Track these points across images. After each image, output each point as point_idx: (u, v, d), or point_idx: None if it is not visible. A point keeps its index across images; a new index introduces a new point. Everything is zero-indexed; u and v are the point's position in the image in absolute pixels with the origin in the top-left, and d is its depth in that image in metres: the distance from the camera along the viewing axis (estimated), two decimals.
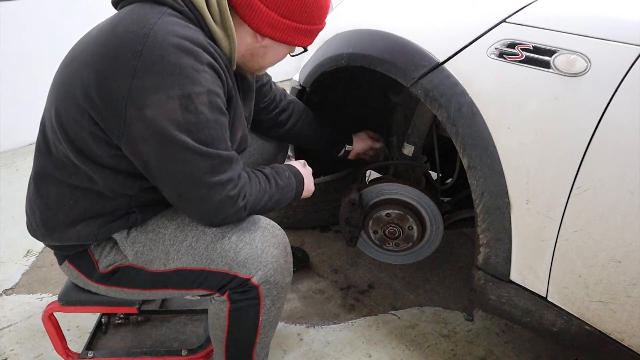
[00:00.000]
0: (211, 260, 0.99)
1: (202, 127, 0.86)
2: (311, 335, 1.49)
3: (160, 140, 0.84)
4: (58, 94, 0.94)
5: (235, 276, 0.99)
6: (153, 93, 0.81)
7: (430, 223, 1.38)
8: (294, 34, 0.98)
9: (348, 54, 1.24)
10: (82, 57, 0.89)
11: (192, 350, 1.28)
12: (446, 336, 1.48)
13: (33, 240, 1.11)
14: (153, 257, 1.02)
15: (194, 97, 0.83)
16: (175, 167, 0.87)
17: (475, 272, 1.12)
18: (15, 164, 2.69)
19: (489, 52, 0.98)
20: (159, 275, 1.03)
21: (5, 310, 1.60)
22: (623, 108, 0.84)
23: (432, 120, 1.35)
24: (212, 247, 0.99)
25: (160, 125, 0.83)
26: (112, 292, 1.10)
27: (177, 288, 1.05)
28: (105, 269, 1.05)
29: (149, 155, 0.87)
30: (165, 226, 1.02)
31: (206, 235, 1.00)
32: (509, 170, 0.98)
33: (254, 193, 1.00)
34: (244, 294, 1.00)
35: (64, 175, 0.97)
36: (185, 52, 0.83)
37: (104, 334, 1.38)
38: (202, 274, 1.00)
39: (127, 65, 0.81)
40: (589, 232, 0.91)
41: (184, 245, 1.00)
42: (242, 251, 0.98)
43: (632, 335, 0.93)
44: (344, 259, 1.84)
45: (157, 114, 0.82)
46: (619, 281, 0.90)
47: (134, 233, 1.02)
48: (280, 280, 1.02)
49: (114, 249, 1.05)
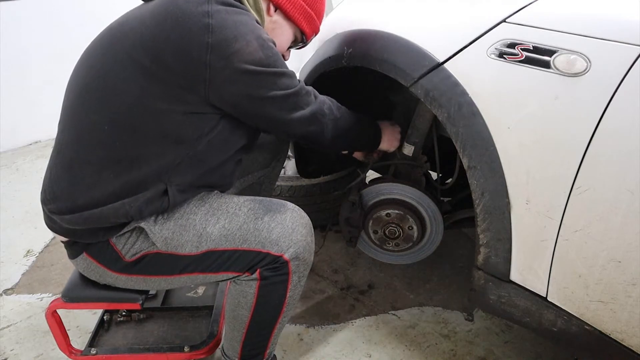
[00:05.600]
0: (244, 239, 1.04)
1: (277, 57, 1.02)
2: (311, 335, 1.49)
3: (250, 78, 0.98)
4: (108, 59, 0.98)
5: (267, 254, 1.04)
6: (234, 42, 0.94)
7: (430, 223, 1.38)
8: (302, 14, 1.14)
9: (348, 54, 1.24)
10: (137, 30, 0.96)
11: (195, 346, 1.28)
12: (446, 336, 1.48)
13: (33, 240, 1.11)
14: (184, 241, 1.03)
15: (264, 37, 1.00)
16: (266, 92, 1.00)
17: (475, 272, 1.12)
18: (15, 164, 2.70)
19: (489, 52, 0.98)
20: (190, 258, 1.05)
21: (5, 310, 1.60)
22: (623, 108, 0.84)
23: (432, 120, 1.35)
24: (246, 227, 1.05)
25: (247, 67, 0.96)
26: (132, 282, 1.10)
27: (205, 271, 1.07)
28: (131, 258, 1.05)
29: (241, 95, 0.99)
30: (193, 212, 1.05)
31: (238, 217, 1.05)
32: (509, 170, 0.98)
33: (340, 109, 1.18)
34: (276, 270, 1.06)
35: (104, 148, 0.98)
36: (242, 12, 0.99)
37: (106, 331, 1.38)
38: (235, 253, 1.04)
39: (202, 24, 0.93)
40: (589, 232, 0.91)
41: (217, 227, 1.04)
42: (274, 230, 1.05)
43: (632, 335, 0.93)
44: (344, 259, 1.84)
45: (242, 58, 0.95)
46: (619, 281, 0.90)
47: (161, 220, 1.03)
48: (307, 257, 1.09)
49: (140, 237, 1.05)
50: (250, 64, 0.97)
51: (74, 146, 1.01)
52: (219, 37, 0.93)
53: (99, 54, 1.01)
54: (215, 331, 1.32)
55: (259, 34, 0.99)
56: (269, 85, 1.01)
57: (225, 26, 0.94)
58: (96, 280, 1.13)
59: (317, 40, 1.41)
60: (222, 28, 0.94)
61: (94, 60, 1.01)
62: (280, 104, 1.04)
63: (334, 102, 1.17)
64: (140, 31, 0.95)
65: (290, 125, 1.07)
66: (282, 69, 1.03)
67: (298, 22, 1.15)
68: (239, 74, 0.97)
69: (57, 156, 1.04)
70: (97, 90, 0.98)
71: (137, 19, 0.99)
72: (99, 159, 0.99)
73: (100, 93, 0.98)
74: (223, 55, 0.94)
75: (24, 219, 2.15)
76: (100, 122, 0.98)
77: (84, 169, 1.00)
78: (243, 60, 0.96)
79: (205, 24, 0.93)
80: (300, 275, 1.09)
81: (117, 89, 0.96)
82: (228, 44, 0.94)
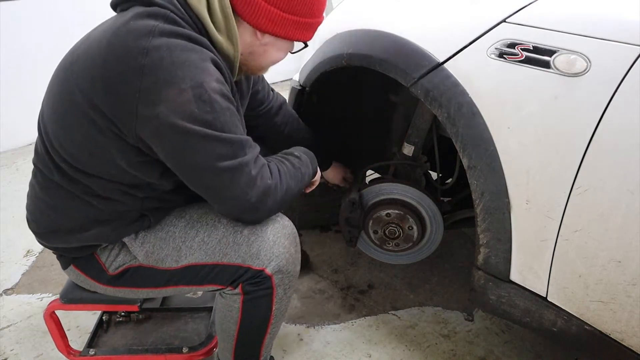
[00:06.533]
0: (224, 254, 1.00)
1: (217, 115, 0.85)
2: (311, 335, 1.49)
3: (177, 135, 0.84)
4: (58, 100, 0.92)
5: (248, 268, 1.00)
6: (165, 88, 0.81)
7: (430, 223, 1.38)
8: (295, 28, 0.98)
9: (348, 54, 1.24)
10: (82, 62, 0.88)
11: (193, 348, 1.28)
12: (446, 336, 1.48)
13: (33, 240, 1.11)
14: (164, 255, 1.02)
15: (206, 86, 0.83)
16: (195, 158, 0.86)
17: (475, 272, 1.12)
18: (15, 164, 2.69)
19: (489, 52, 0.98)
20: (171, 272, 1.03)
21: (5, 310, 1.60)
22: (623, 108, 0.84)
23: (432, 120, 1.35)
24: (225, 241, 1.00)
25: (175, 121, 0.82)
26: (120, 293, 1.10)
27: (189, 284, 1.05)
28: (114, 271, 1.05)
29: (167, 151, 0.87)
30: (174, 224, 1.03)
31: (218, 230, 1.01)
32: (509, 170, 0.98)
33: (280, 172, 1.00)
34: (258, 285, 1.02)
35: (71, 183, 0.96)
36: (190, 49, 0.84)
37: (105, 332, 1.38)
38: (215, 268, 1.02)
39: (134, 65, 0.81)
40: (589, 232, 0.91)
41: (195, 241, 1.01)
42: (254, 243, 1.00)
43: (632, 335, 0.93)
44: (344, 259, 1.84)
45: (171, 108, 0.82)
46: (619, 281, 0.90)
47: (142, 233, 1.03)
48: (292, 269, 1.04)
49: (122, 251, 1.04)
50: (179, 119, 0.82)
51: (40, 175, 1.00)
52: (149, 81, 0.81)
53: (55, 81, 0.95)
54: (214, 333, 1.32)
55: (199, 82, 0.82)
56: (206, 151, 0.85)
57: (161, 67, 0.81)
58: (89, 289, 1.13)
59: (317, 40, 1.41)
60: (155, 69, 0.81)
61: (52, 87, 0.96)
62: (220, 178, 0.88)
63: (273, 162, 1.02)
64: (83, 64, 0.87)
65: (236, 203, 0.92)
66: (228, 135, 0.86)
67: (292, 37, 1.00)
68: (165, 128, 0.83)
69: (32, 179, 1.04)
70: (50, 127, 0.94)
71: (86, 43, 0.91)
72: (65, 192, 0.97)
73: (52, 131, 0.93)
74: (150, 103, 0.81)
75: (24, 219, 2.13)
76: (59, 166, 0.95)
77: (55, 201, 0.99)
78: (171, 112, 0.81)
79: (138, 65, 0.80)
80: (285, 288, 1.05)
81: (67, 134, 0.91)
82: (158, 89, 0.81)
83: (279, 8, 0.94)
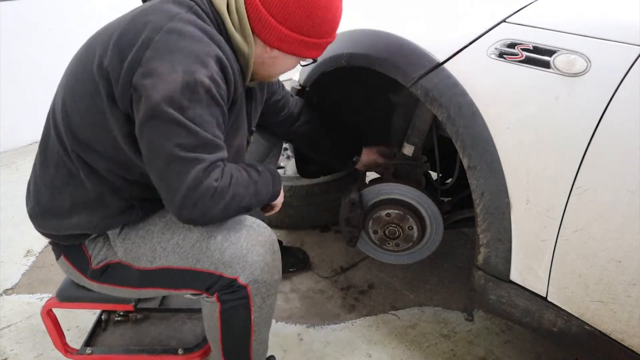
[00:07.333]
0: (197, 259, 0.99)
1: (194, 106, 0.85)
2: (311, 335, 1.49)
3: (150, 110, 0.84)
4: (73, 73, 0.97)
5: (221, 276, 0.98)
6: (160, 64, 0.84)
7: (430, 223, 1.38)
8: (302, 47, 0.99)
9: (348, 54, 1.24)
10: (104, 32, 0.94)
11: (189, 349, 1.28)
12: (446, 336, 1.48)
13: (33, 240, 1.11)
14: (140, 254, 1.02)
15: (197, 77, 0.85)
16: (156, 137, 0.86)
17: (475, 272, 1.12)
18: (15, 164, 2.69)
19: (489, 52, 0.98)
20: (146, 273, 1.03)
21: (5, 310, 1.60)
22: (623, 108, 0.84)
23: (432, 120, 1.35)
24: (198, 247, 0.99)
25: (154, 96, 0.83)
26: (105, 290, 1.10)
27: (164, 287, 1.06)
28: (96, 265, 1.06)
29: (138, 122, 0.87)
30: (154, 223, 1.03)
31: (193, 234, 0.99)
32: (509, 170, 0.98)
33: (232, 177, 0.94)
34: (233, 294, 1.00)
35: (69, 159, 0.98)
36: (199, 40, 0.88)
37: (103, 331, 1.38)
38: (189, 273, 1.00)
39: (146, 38, 0.86)
40: (589, 232, 0.91)
41: (170, 244, 1.00)
42: (227, 251, 0.97)
43: (632, 335, 0.93)
44: (344, 259, 1.84)
45: (156, 84, 0.83)
46: (619, 281, 0.90)
47: (125, 229, 1.03)
48: (268, 278, 1.01)
49: (105, 244, 1.05)
50: (159, 96, 0.83)
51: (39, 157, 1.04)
52: (151, 55, 0.85)
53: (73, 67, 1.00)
54: None
55: (192, 70, 0.84)
56: (162, 131, 0.85)
57: (166, 46, 0.85)
58: (77, 282, 1.14)
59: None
60: (161, 46, 0.85)
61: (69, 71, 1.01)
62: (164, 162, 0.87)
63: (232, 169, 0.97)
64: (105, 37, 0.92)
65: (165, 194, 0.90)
66: (191, 125, 0.85)
67: (299, 54, 1.01)
68: (145, 99, 0.84)
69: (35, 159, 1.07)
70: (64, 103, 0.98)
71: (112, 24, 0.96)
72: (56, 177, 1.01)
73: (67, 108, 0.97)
74: (144, 75, 0.84)
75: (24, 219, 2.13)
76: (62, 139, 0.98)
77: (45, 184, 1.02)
78: (155, 87, 0.83)
79: (149, 38, 0.86)
80: (263, 297, 1.02)
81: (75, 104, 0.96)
82: (154, 64, 0.84)
83: (289, 28, 0.96)
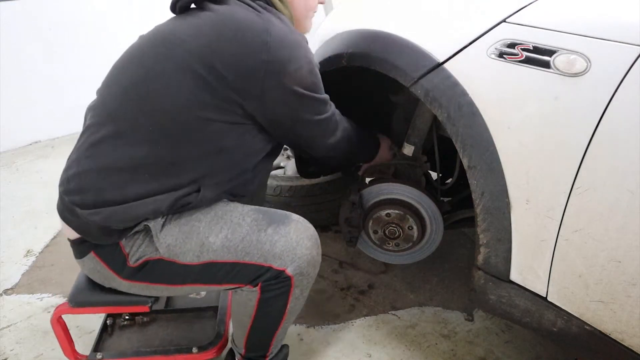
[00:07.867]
0: (246, 252, 1.02)
1: (320, 84, 1.09)
2: (311, 335, 1.49)
3: (298, 101, 1.03)
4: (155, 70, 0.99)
5: (270, 267, 1.03)
6: (288, 64, 0.98)
7: (430, 223, 1.38)
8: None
9: (348, 54, 1.24)
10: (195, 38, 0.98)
11: (203, 347, 1.28)
12: (446, 336, 1.48)
13: (33, 240, 1.11)
14: (187, 249, 1.02)
15: (314, 63, 1.05)
16: (305, 115, 1.07)
17: (475, 272, 1.12)
18: (15, 164, 2.70)
19: (489, 52, 0.98)
20: (191, 268, 1.03)
21: (5, 310, 1.60)
22: (623, 108, 0.84)
23: (432, 120, 1.35)
24: (248, 240, 1.03)
25: (297, 89, 1.01)
26: (134, 288, 1.09)
27: (207, 283, 1.06)
28: (135, 263, 1.04)
29: (285, 115, 1.04)
30: (199, 219, 1.03)
31: (242, 228, 1.03)
32: (509, 170, 0.98)
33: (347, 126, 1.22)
34: (277, 285, 1.05)
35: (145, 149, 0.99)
36: (293, 32, 1.04)
37: (110, 336, 1.37)
38: (237, 266, 1.03)
39: (259, 40, 0.96)
40: (589, 232, 0.91)
41: (219, 238, 1.02)
42: (277, 243, 1.03)
43: (632, 335, 0.93)
44: (344, 259, 1.84)
45: (294, 81, 1.00)
46: (619, 281, 0.90)
47: (167, 225, 1.02)
48: (311, 271, 1.08)
49: (145, 241, 1.04)
50: (300, 88, 1.02)
51: (111, 141, 1.00)
52: (274, 56, 0.96)
53: (150, 55, 1.01)
54: (222, 331, 1.32)
55: (309, 59, 1.04)
56: (311, 109, 1.07)
57: (283, 46, 0.98)
58: (100, 283, 1.12)
59: (317, 40, 1.41)
60: (278, 48, 0.97)
61: (145, 60, 1.01)
62: (319, 128, 1.12)
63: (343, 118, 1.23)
64: (199, 40, 0.97)
65: (322, 145, 1.16)
66: (323, 96, 1.10)
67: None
68: (288, 95, 1.01)
69: (90, 148, 1.01)
70: (147, 91, 0.99)
71: (192, 27, 1.00)
72: (138, 158, 0.99)
73: (150, 94, 0.98)
74: (276, 75, 0.97)
75: (24, 219, 2.15)
76: (145, 123, 0.98)
77: (120, 166, 0.99)
78: (295, 83, 1.00)
79: (263, 40, 0.96)
80: (302, 289, 1.09)
81: (168, 93, 0.97)
82: (283, 64, 0.98)
83: None
